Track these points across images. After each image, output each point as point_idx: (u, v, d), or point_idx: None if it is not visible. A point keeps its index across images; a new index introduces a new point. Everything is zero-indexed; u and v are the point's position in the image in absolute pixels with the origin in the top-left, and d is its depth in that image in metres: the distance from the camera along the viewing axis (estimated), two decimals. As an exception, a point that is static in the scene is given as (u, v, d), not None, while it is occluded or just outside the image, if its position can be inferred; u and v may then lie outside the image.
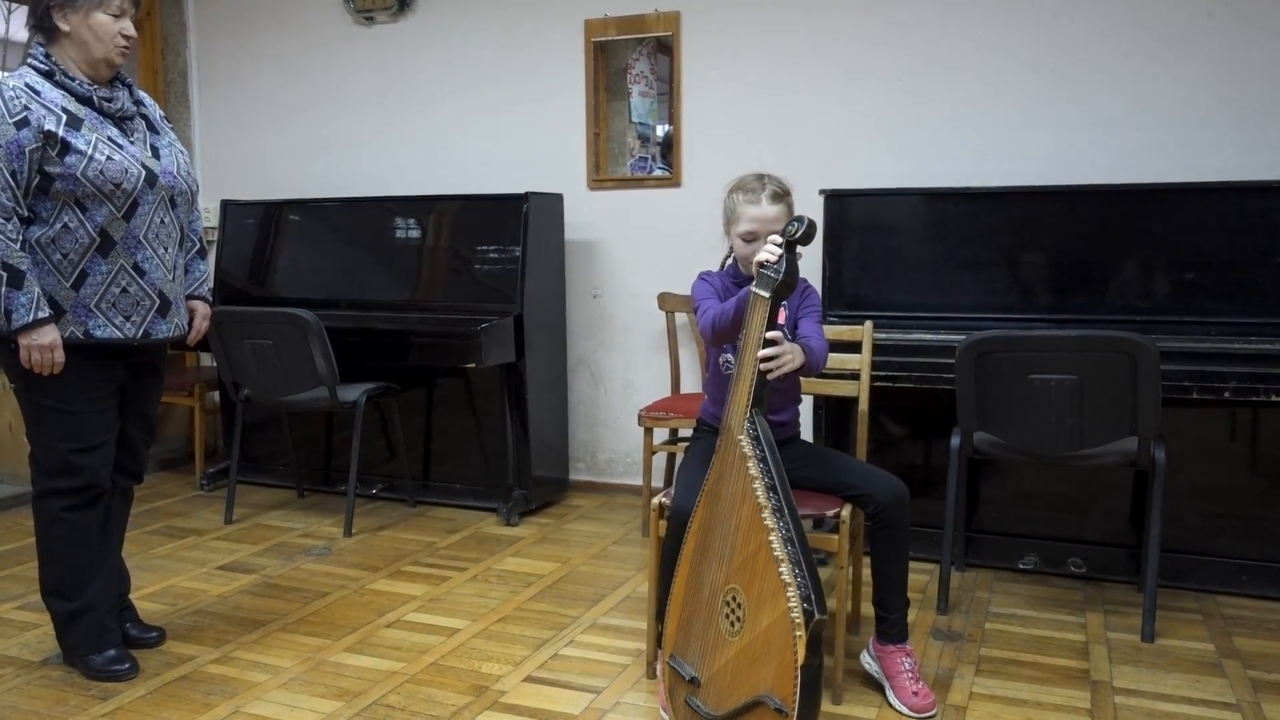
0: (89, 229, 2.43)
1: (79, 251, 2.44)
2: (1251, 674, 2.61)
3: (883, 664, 2.49)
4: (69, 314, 2.44)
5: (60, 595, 2.60)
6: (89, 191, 2.41)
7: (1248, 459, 3.19)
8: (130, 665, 2.62)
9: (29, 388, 2.49)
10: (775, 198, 2.42)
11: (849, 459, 2.60)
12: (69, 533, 2.56)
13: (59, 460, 2.51)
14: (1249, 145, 3.43)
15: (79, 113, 2.44)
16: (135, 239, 2.50)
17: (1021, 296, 3.38)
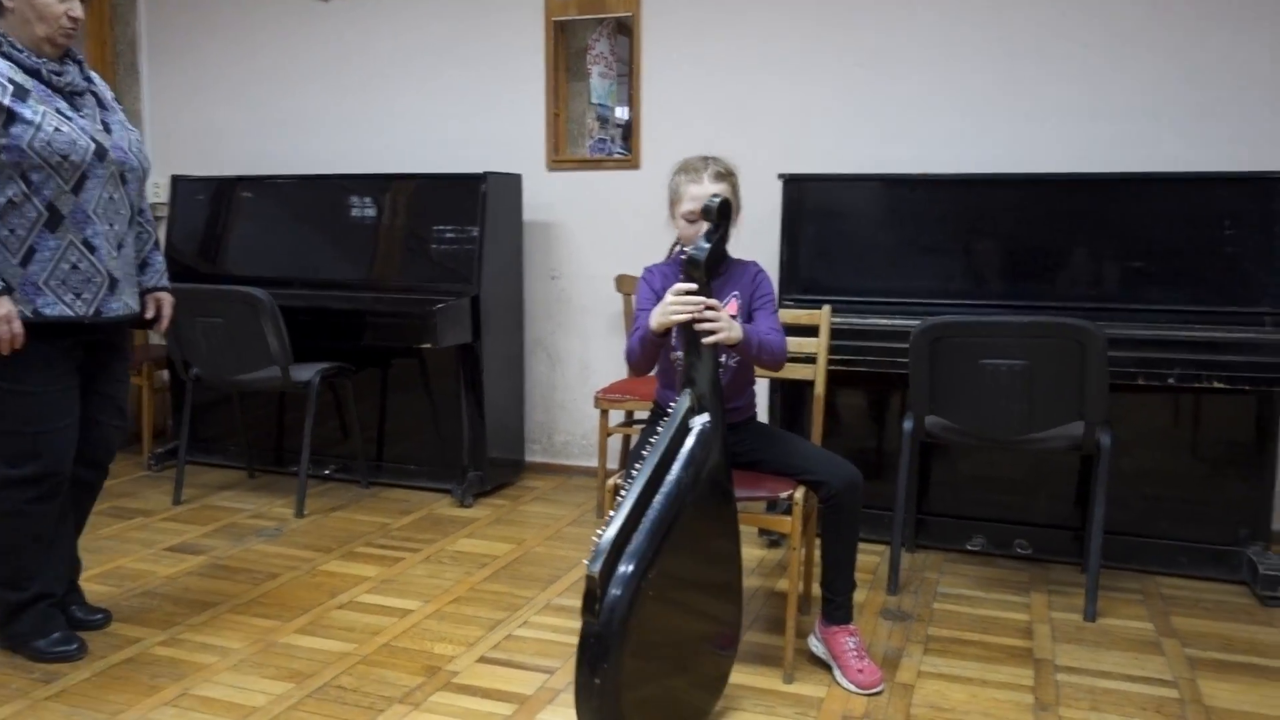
0: (36, 203, 2.38)
1: (26, 227, 2.38)
2: (1188, 652, 2.68)
3: (828, 645, 2.52)
4: (17, 292, 2.38)
5: (11, 586, 2.55)
6: (35, 164, 2.35)
7: (1189, 444, 3.27)
8: (78, 646, 2.58)
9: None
10: (718, 177, 2.40)
11: (804, 443, 2.62)
12: (27, 525, 2.51)
13: (21, 445, 2.44)
14: (1197, 138, 3.50)
15: (26, 84, 2.38)
16: (84, 214, 2.44)
17: (975, 283, 3.43)
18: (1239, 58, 3.46)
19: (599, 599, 1.96)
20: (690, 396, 2.19)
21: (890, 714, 2.33)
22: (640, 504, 2.05)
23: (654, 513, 2.05)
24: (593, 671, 1.96)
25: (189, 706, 2.35)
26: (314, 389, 3.81)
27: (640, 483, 2.06)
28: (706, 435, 2.17)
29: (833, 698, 2.40)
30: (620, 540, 2.00)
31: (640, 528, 2.03)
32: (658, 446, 2.12)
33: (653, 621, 2.04)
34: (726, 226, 2.23)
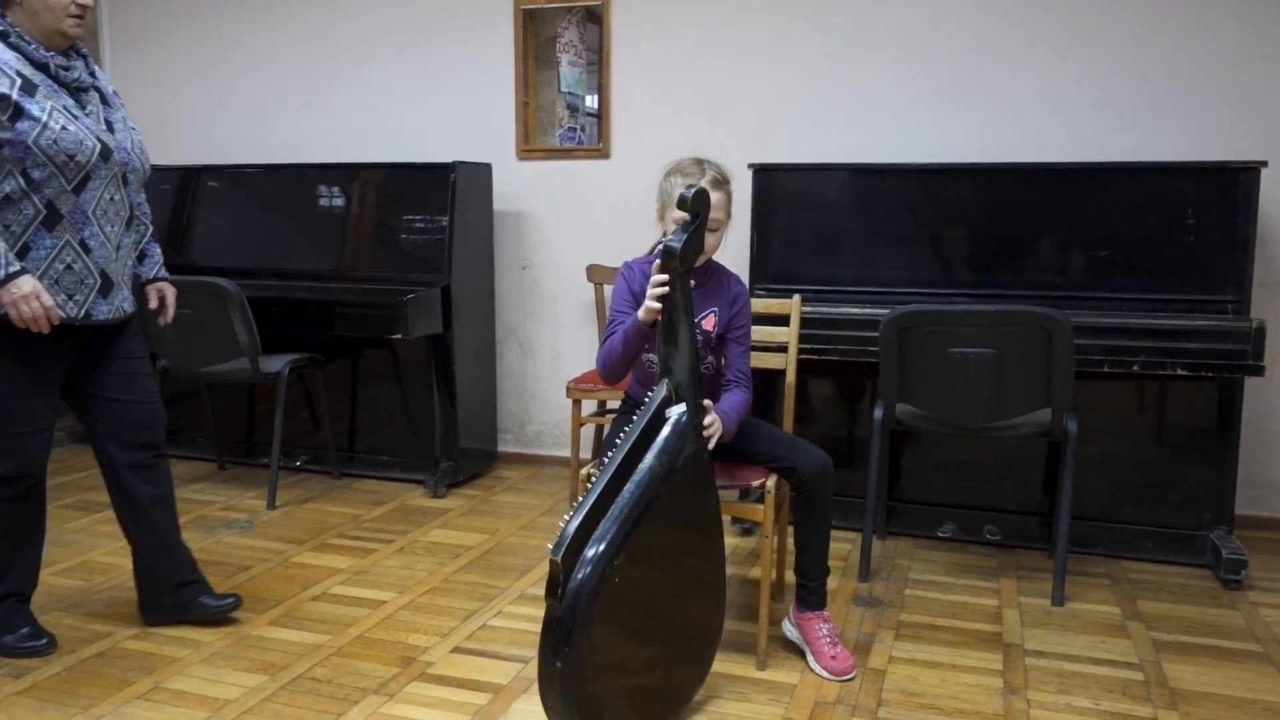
0: (35, 200, 2.33)
1: (22, 224, 2.33)
2: (1154, 635, 2.73)
3: (802, 630, 2.55)
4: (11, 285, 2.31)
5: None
6: (39, 161, 2.30)
7: (1154, 430, 3.32)
8: (48, 640, 2.56)
9: None
10: (717, 184, 2.39)
11: (776, 430, 2.64)
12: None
13: (3, 444, 2.42)
14: (1160, 128, 3.55)
15: (34, 78, 2.33)
16: (83, 214, 2.40)
17: (944, 272, 3.46)
18: (1198, 50, 3.50)
19: (561, 584, 1.97)
20: (667, 386, 2.19)
21: (862, 699, 2.36)
22: (609, 492, 2.06)
23: (623, 500, 2.05)
24: (554, 654, 1.97)
25: (161, 700, 2.33)
26: (284, 380, 3.79)
27: (609, 471, 2.07)
28: (683, 425, 2.18)
29: (805, 684, 2.43)
30: (585, 527, 2.01)
31: (609, 515, 2.04)
32: (630, 435, 2.13)
33: (622, 608, 2.05)
34: (704, 217, 2.23)
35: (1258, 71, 3.46)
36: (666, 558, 2.16)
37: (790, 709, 2.31)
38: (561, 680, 1.98)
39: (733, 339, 2.51)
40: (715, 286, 2.50)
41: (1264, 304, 3.43)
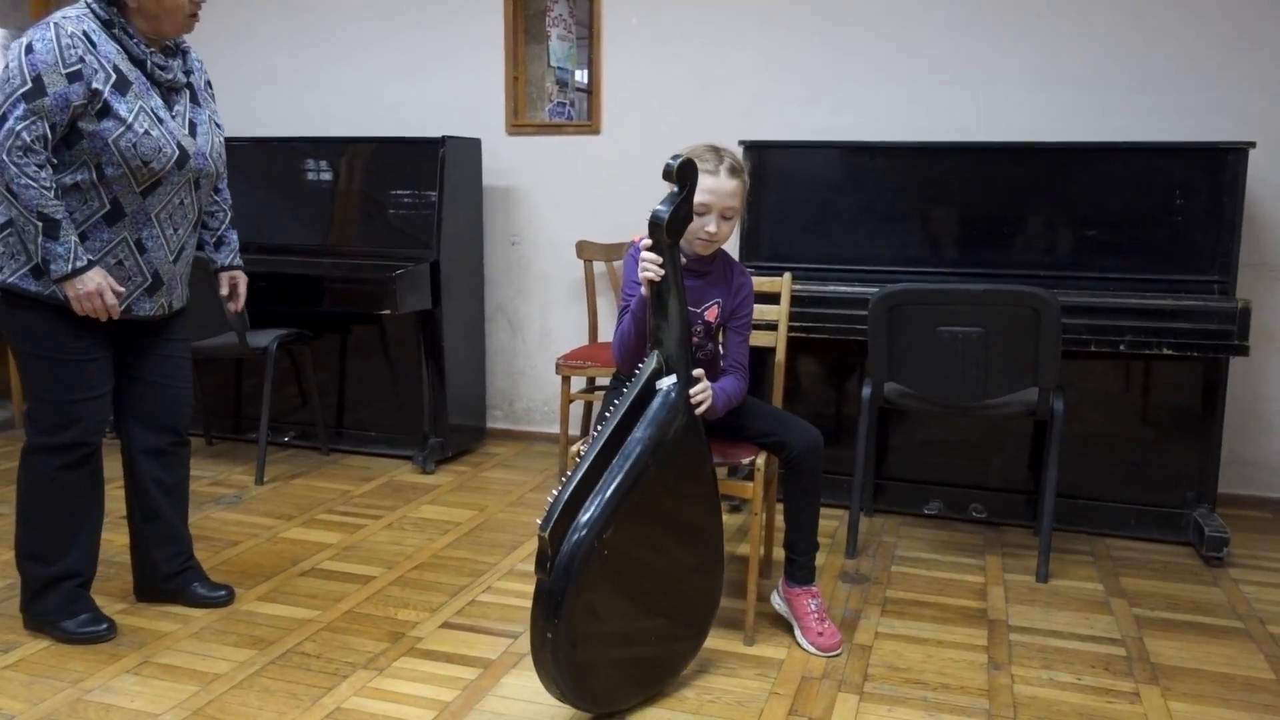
0: (102, 194, 2.31)
1: (85, 214, 2.31)
2: (1136, 611, 2.76)
3: (791, 605, 2.57)
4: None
5: (38, 560, 2.47)
6: (114, 160, 2.28)
7: (1139, 409, 3.34)
8: (108, 625, 2.51)
9: (20, 337, 2.37)
10: (733, 171, 2.35)
11: (766, 407, 2.65)
12: (58, 494, 2.44)
13: (56, 412, 2.39)
14: (1149, 108, 3.55)
15: (129, 75, 2.29)
16: (146, 215, 2.38)
17: (933, 250, 3.46)
18: (1187, 30, 3.50)
19: (550, 557, 1.99)
20: (657, 358, 2.19)
21: (848, 674, 2.38)
22: (597, 465, 2.06)
23: (612, 474, 2.06)
24: (545, 625, 1.99)
25: (150, 675, 2.34)
26: (272, 355, 3.78)
27: (598, 445, 2.07)
28: (673, 398, 2.18)
29: (792, 660, 2.45)
30: (574, 501, 2.02)
31: (598, 488, 2.04)
32: (620, 408, 2.13)
33: (612, 580, 2.06)
34: (691, 188, 2.22)
35: (1246, 52, 3.46)
36: (659, 530, 2.17)
37: (777, 684, 2.33)
38: (553, 649, 2.00)
39: (732, 328, 2.50)
40: (720, 276, 2.48)
41: (1250, 284, 3.46)
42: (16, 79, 2.19)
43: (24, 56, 2.20)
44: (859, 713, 2.21)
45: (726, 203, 2.33)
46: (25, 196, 2.20)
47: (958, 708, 2.24)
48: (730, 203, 2.34)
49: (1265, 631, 2.64)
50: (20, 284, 2.32)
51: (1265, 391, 3.59)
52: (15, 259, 2.32)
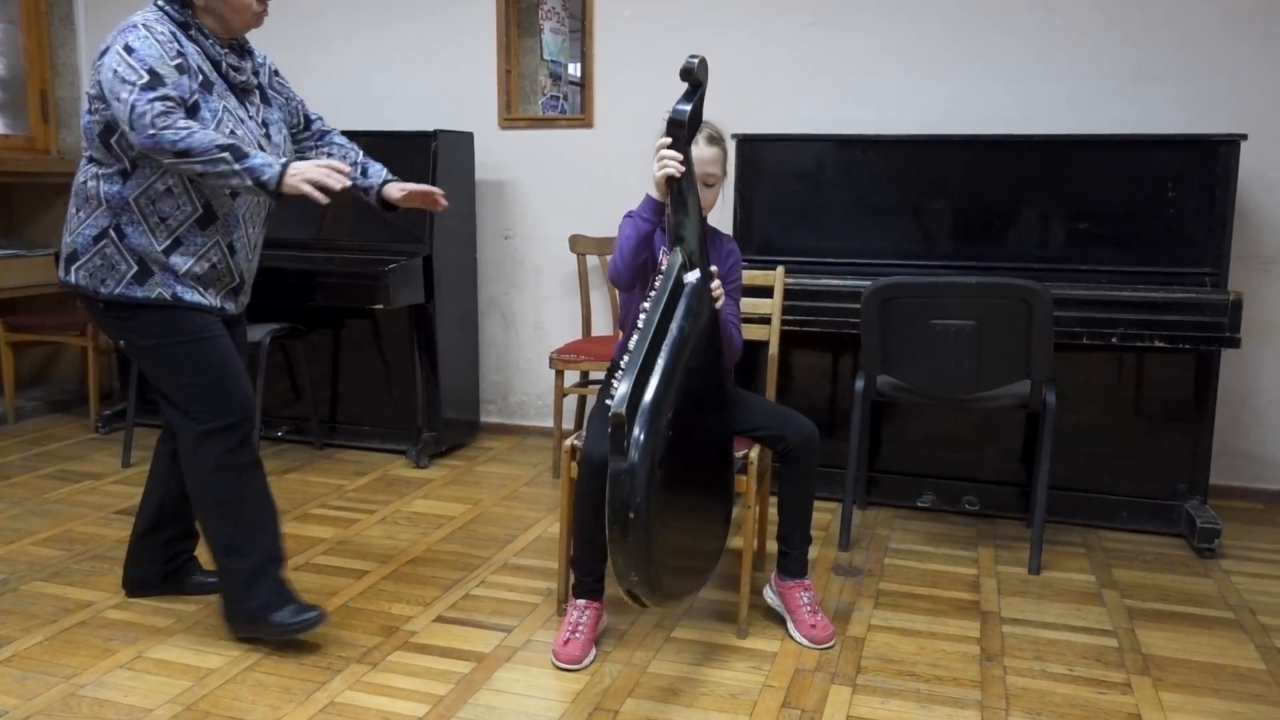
0: (194, 198, 2.29)
1: (179, 219, 2.30)
2: (1128, 603, 2.77)
3: (783, 598, 2.57)
4: (157, 275, 2.30)
5: (237, 552, 2.39)
6: None
7: (1131, 401, 3.35)
8: (318, 612, 2.42)
9: (147, 335, 2.34)
10: (712, 140, 2.42)
11: (761, 400, 2.65)
12: (234, 479, 2.38)
13: (213, 394, 2.35)
14: (1142, 100, 3.55)
15: (211, 75, 2.29)
16: (236, 218, 2.37)
17: (926, 243, 3.47)
18: (1183, 21, 3.51)
19: (626, 435, 1.98)
20: (680, 253, 2.22)
21: (841, 667, 2.39)
22: (650, 355, 2.08)
23: (662, 362, 2.08)
24: (626, 506, 1.97)
25: (144, 669, 2.34)
26: (264, 350, 3.77)
27: (648, 335, 2.09)
28: (699, 290, 2.22)
29: (786, 652, 2.46)
30: (638, 386, 2.03)
31: (652, 376, 2.06)
32: (657, 302, 2.14)
33: (672, 461, 2.08)
34: (705, 88, 2.25)
35: (1239, 45, 3.47)
36: (697, 416, 2.21)
37: (770, 677, 2.33)
38: (634, 531, 1.99)
39: (726, 291, 2.51)
40: (709, 244, 2.50)
41: (1241, 277, 3.46)
42: (131, 76, 2.15)
43: (127, 57, 2.16)
44: (852, 705, 2.22)
45: (707, 169, 2.38)
46: (194, 143, 2.13)
47: (950, 699, 2.24)
48: (711, 169, 2.39)
49: (1256, 622, 2.65)
50: (127, 293, 2.30)
51: (1256, 384, 3.60)
52: (116, 270, 2.30)
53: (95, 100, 2.25)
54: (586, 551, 2.45)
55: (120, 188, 2.27)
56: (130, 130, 2.15)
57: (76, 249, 2.33)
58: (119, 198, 2.28)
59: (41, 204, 4.95)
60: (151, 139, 2.13)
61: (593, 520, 2.42)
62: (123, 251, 2.29)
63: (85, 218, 2.32)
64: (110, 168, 2.28)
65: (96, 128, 2.26)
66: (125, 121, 2.15)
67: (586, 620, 2.42)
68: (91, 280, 2.32)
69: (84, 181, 2.32)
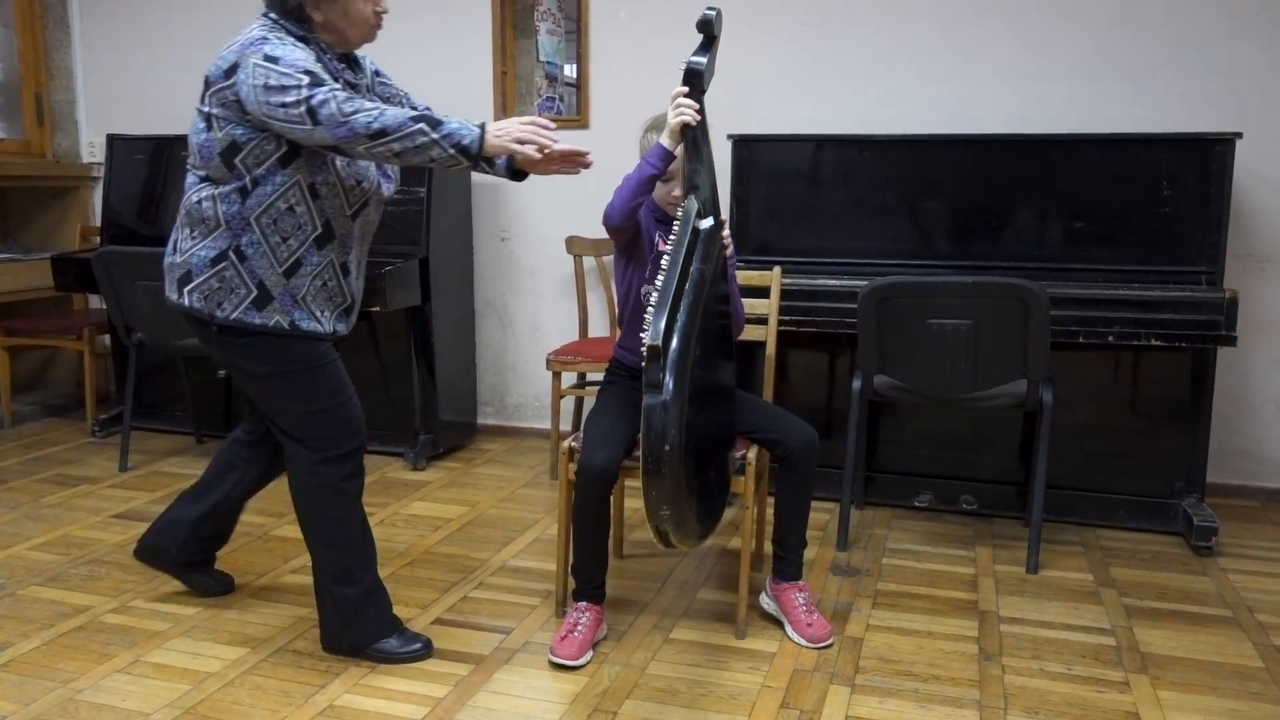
0: (315, 217, 2.24)
1: (299, 239, 2.24)
2: (1126, 601, 2.77)
3: (779, 601, 2.57)
4: (277, 301, 2.24)
5: (349, 581, 2.35)
6: (329, 180, 2.24)
7: (1128, 400, 3.36)
8: (423, 643, 2.41)
9: (265, 362, 2.27)
10: None
11: (761, 402, 2.65)
12: (348, 507, 2.35)
13: (333, 421, 2.31)
14: (1137, 99, 3.56)
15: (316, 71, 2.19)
16: (352, 237, 2.34)
17: (922, 243, 3.47)
18: (1177, 20, 3.51)
19: (662, 368, 2.01)
20: (695, 200, 2.26)
21: (840, 666, 2.39)
22: (677, 294, 2.11)
23: (686, 302, 2.12)
24: (662, 439, 1.99)
25: (142, 673, 2.33)
26: (261, 353, 3.76)
27: (675, 275, 2.12)
28: (713, 235, 2.26)
29: (784, 652, 2.46)
30: (670, 321, 2.06)
31: (679, 314, 2.10)
32: (679, 245, 2.17)
33: (697, 400, 2.12)
34: (718, 43, 2.33)
35: (1234, 43, 3.47)
36: (713, 358, 2.27)
37: (769, 677, 2.33)
38: (670, 464, 2.00)
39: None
40: None
41: (1237, 275, 3.47)
42: (289, 81, 2.09)
43: (274, 66, 2.10)
44: (851, 705, 2.22)
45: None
46: (389, 121, 2.09)
47: (949, 699, 2.25)
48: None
49: (1254, 620, 2.66)
50: (245, 318, 2.23)
51: (1253, 382, 3.61)
52: (235, 293, 2.23)
53: (220, 120, 2.17)
54: (586, 561, 2.45)
55: (240, 207, 2.20)
56: (313, 129, 2.08)
57: (191, 270, 2.25)
58: (239, 218, 2.20)
59: (36, 207, 4.95)
60: (345, 128, 2.07)
61: (592, 531, 2.42)
62: (242, 275, 2.22)
63: (201, 238, 2.24)
64: (227, 186, 2.20)
65: (219, 145, 2.18)
66: (302, 124, 2.09)
67: (586, 621, 2.42)
68: (207, 304, 2.24)
69: (197, 201, 2.24)
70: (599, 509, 2.41)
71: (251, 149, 2.17)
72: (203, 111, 2.22)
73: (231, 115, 2.16)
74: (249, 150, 2.18)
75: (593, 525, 2.42)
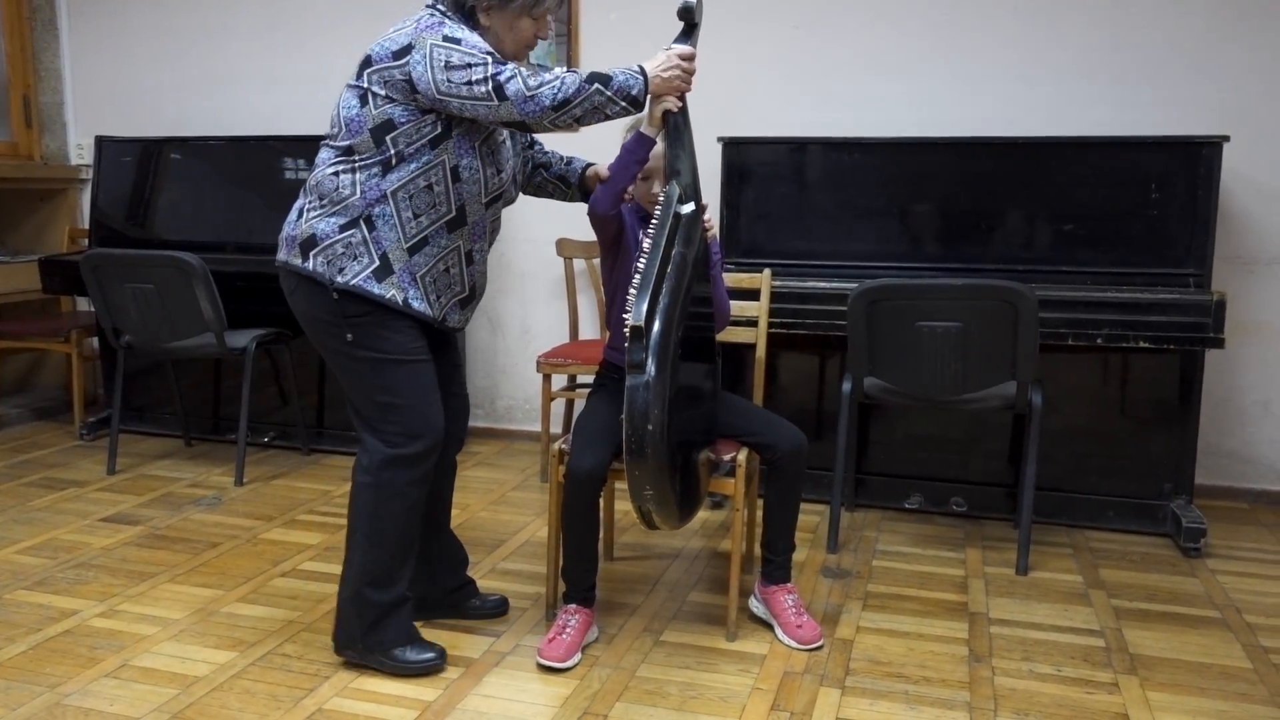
0: (451, 200, 2.24)
1: (431, 218, 2.23)
2: (1115, 602, 2.78)
3: (768, 604, 2.57)
4: (396, 275, 2.22)
5: (380, 584, 2.30)
6: (473, 165, 2.24)
7: (1117, 402, 3.37)
8: (436, 654, 2.36)
9: (363, 344, 2.23)
10: None
11: (751, 406, 2.65)
12: (405, 511, 2.30)
13: (410, 419, 2.26)
14: (1125, 102, 3.58)
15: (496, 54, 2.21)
16: (482, 228, 2.34)
17: (912, 245, 3.47)
18: (1165, 24, 3.53)
19: (645, 348, 2.04)
20: (677, 186, 2.28)
21: (830, 668, 2.39)
22: (659, 277, 2.13)
23: (669, 284, 2.15)
24: (645, 419, 2.00)
25: (130, 678, 2.32)
26: (250, 355, 3.75)
27: (656, 258, 2.15)
28: (694, 220, 2.28)
29: (774, 655, 2.46)
30: (652, 302, 2.10)
31: (661, 295, 2.13)
32: (660, 229, 2.20)
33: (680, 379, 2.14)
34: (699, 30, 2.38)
35: (1221, 46, 3.49)
36: (694, 340, 2.30)
37: (759, 679, 2.33)
38: (654, 444, 2.02)
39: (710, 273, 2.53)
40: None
41: (1224, 277, 3.49)
42: (474, 60, 2.13)
43: (455, 46, 2.14)
44: (841, 707, 2.22)
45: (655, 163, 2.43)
46: (569, 90, 2.14)
47: (939, 700, 2.25)
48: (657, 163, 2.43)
49: (1242, 621, 2.67)
50: (364, 285, 2.20)
51: (1241, 383, 3.63)
52: (358, 260, 2.21)
53: (379, 97, 2.18)
54: (576, 564, 2.44)
55: (380, 180, 2.20)
56: (499, 105, 2.12)
57: (317, 234, 2.23)
58: (377, 190, 2.20)
59: (25, 210, 4.92)
60: (533, 103, 2.12)
61: (582, 533, 2.42)
62: (369, 243, 2.21)
63: (330, 206, 2.23)
64: (371, 158, 2.20)
65: (372, 121, 2.18)
66: (487, 101, 2.12)
67: (575, 623, 2.42)
68: (329, 268, 2.21)
69: (332, 173, 2.24)
70: (588, 511, 2.41)
71: (406, 128, 2.18)
72: (358, 88, 2.22)
73: (395, 94, 2.18)
74: (404, 129, 2.18)
75: (582, 527, 2.42)
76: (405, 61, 2.17)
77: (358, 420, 2.34)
